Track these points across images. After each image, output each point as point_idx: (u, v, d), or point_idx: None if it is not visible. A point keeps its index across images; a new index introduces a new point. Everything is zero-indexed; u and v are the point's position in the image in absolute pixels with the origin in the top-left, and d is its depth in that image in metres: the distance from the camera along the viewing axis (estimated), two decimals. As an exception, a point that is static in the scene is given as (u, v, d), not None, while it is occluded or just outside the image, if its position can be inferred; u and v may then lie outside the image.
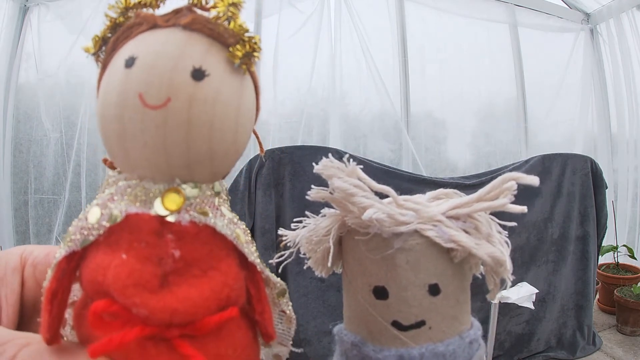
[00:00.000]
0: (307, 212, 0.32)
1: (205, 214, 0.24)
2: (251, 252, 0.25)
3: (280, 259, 0.34)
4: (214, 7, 0.24)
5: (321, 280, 1.63)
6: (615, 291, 2.24)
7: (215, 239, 0.24)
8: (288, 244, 0.33)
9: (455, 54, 2.59)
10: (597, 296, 2.42)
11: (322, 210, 0.31)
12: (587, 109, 2.80)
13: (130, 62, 0.23)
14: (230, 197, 0.27)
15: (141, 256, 0.22)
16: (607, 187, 2.06)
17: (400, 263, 0.27)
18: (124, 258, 0.22)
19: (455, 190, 0.30)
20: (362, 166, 0.28)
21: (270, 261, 0.34)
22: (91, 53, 0.26)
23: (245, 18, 0.25)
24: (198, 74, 0.23)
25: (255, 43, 0.24)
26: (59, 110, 2.33)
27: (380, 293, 0.28)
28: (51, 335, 0.22)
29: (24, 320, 0.28)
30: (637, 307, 2.11)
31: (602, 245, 2.15)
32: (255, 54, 0.24)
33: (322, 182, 0.29)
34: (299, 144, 2.15)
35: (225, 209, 0.25)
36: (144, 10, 0.25)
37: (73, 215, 2.30)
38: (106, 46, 0.25)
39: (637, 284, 2.24)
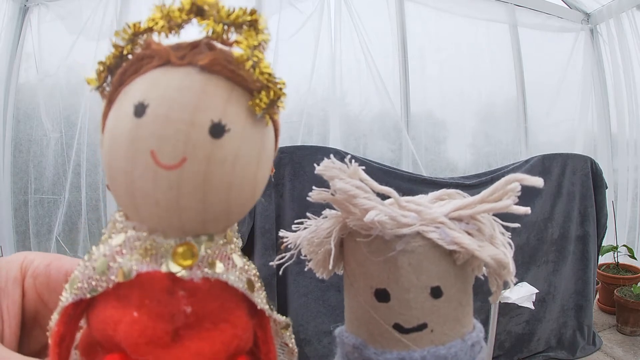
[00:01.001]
0: (308, 214, 0.32)
1: (216, 267, 0.23)
2: (261, 299, 0.25)
3: (281, 261, 0.33)
4: (236, 44, 0.22)
5: (321, 280, 1.62)
6: (615, 291, 2.23)
7: (226, 292, 0.24)
8: (289, 246, 0.33)
9: (455, 54, 2.59)
10: (597, 296, 2.42)
11: (323, 212, 0.31)
12: (587, 109, 2.80)
13: (140, 110, 0.21)
14: (240, 237, 0.26)
15: (153, 314, 0.22)
16: (607, 187, 2.06)
17: (402, 265, 0.27)
18: (136, 316, 0.21)
19: (458, 191, 0.29)
20: (363, 167, 0.28)
21: (271, 263, 0.34)
22: (95, 87, 0.23)
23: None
24: (217, 130, 0.20)
25: (281, 89, 0.22)
26: (59, 110, 2.33)
27: (382, 295, 0.27)
28: None
29: (24, 331, 0.28)
30: (637, 307, 2.11)
31: (602, 245, 2.15)
32: (280, 102, 0.23)
33: (322, 182, 0.29)
34: (299, 144, 2.15)
35: (237, 257, 0.25)
36: (155, 36, 0.22)
37: (73, 215, 2.30)
38: (112, 77, 0.23)
39: (637, 284, 2.23)
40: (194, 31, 0.22)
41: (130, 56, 0.23)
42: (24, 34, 2.35)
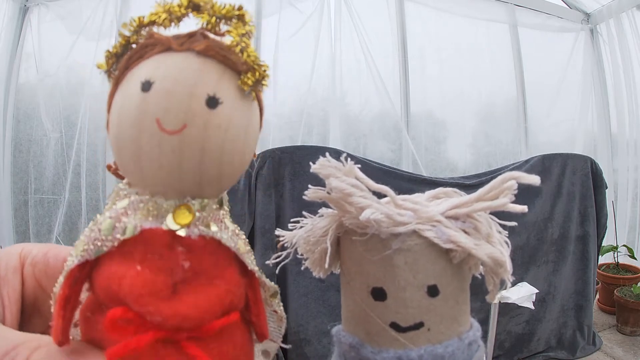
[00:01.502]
0: (304, 212, 0.32)
1: (211, 227, 0.25)
2: (251, 261, 0.27)
3: (278, 259, 0.33)
4: (227, 33, 0.25)
5: (321, 280, 1.63)
6: (615, 291, 2.23)
7: (220, 250, 0.26)
8: (285, 245, 0.33)
9: (455, 54, 2.59)
10: (597, 296, 2.42)
11: (319, 210, 0.31)
12: (587, 109, 2.80)
13: (147, 86, 0.24)
14: (230, 206, 0.29)
15: (154, 267, 0.24)
16: (607, 187, 2.06)
17: (398, 264, 0.26)
18: (139, 269, 0.24)
19: (455, 189, 0.29)
20: (360, 165, 0.28)
21: (268, 262, 0.34)
22: (103, 70, 0.27)
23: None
24: (212, 102, 0.24)
25: (265, 71, 0.25)
26: (59, 110, 2.33)
27: (379, 294, 0.27)
28: (63, 337, 0.24)
29: (24, 319, 0.29)
30: (637, 307, 2.11)
31: (602, 245, 2.15)
32: (264, 81, 0.26)
33: (322, 182, 0.29)
34: (299, 144, 2.15)
35: (228, 221, 0.27)
36: (156, 29, 0.26)
37: (73, 215, 2.30)
38: (118, 63, 0.26)
39: (637, 284, 2.23)
40: (191, 24, 0.26)
41: (134, 45, 0.26)
42: (24, 34, 2.35)
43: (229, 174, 0.26)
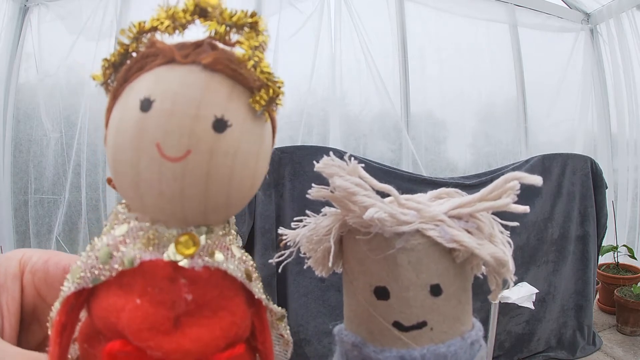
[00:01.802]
0: (307, 211, 0.32)
1: (216, 256, 0.24)
2: (258, 289, 0.26)
3: (280, 258, 0.33)
4: (238, 44, 0.23)
5: (321, 280, 1.63)
6: (615, 291, 2.23)
7: (225, 280, 0.24)
8: (288, 244, 0.33)
9: (455, 54, 2.59)
10: (597, 296, 2.42)
11: (322, 209, 0.31)
12: (587, 109, 2.80)
13: (146, 105, 0.22)
14: (238, 231, 0.27)
15: (155, 301, 0.22)
16: (607, 187, 2.06)
17: (401, 263, 0.26)
18: (138, 303, 0.22)
19: (457, 190, 0.29)
20: (363, 165, 0.28)
21: (270, 261, 0.34)
22: (100, 83, 0.24)
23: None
24: (220, 125, 0.22)
25: (280, 88, 0.23)
26: (59, 110, 2.33)
27: (382, 293, 0.27)
28: None
29: (23, 327, 0.29)
30: (637, 307, 2.11)
31: (602, 245, 2.15)
32: (279, 100, 0.23)
33: (322, 182, 0.29)
34: (299, 144, 2.15)
35: (235, 248, 0.26)
36: (158, 35, 0.23)
37: (73, 215, 2.30)
38: (116, 74, 0.24)
39: (637, 284, 2.23)
40: (197, 32, 0.23)
41: (134, 54, 0.24)
42: (24, 34, 2.35)
43: (237, 200, 0.24)
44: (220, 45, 0.23)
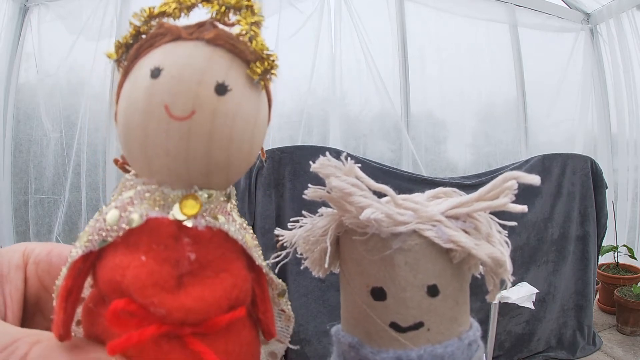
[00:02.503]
0: (304, 212, 0.32)
1: (219, 219, 0.25)
2: (258, 255, 0.27)
3: (278, 259, 0.33)
4: (237, 23, 0.25)
5: (321, 280, 1.63)
6: (615, 291, 2.23)
7: (227, 243, 0.25)
8: (285, 244, 0.33)
9: (455, 54, 2.59)
10: (597, 296, 2.42)
11: (319, 210, 0.31)
12: (587, 109, 2.80)
13: (156, 73, 0.24)
14: (238, 202, 0.28)
15: (159, 258, 0.23)
16: (607, 187, 2.06)
17: (398, 264, 0.26)
18: (143, 260, 0.23)
19: (455, 189, 0.29)
20: (359, 165, 0.28)
21: (268, 261, 0.34)
22: (113, 59, 0.27)
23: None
24: (221, 89, 0.24)
25: (273, 61, 0.25)
26: (59, 110, 2.33)
27: (379, 294, 0.27)
28: (64, 331, 0.23)
29: (26, 317, 0.29)
30: (637, 307, 2.11)
31: (602, 245, 2.15)
32: (273, 71, 0.25)
33: (322, 182, 0.29)
34: (299, 144, 2.15)
35: (236, 214, 0.27)
36: (166, 20, 0.26)
37: (73, 215, 2.30)
38: (128, 53, 0.26)
39: (637, 284, 2.23)
40: (200, 15, 0.26)
41: (144, 35, 0.26)
42: (24, 34, 2.35)
43: (236, 163, 0.25)
44: (221, 25, 0.26)
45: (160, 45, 0.25)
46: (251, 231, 0.28)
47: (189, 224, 0.24)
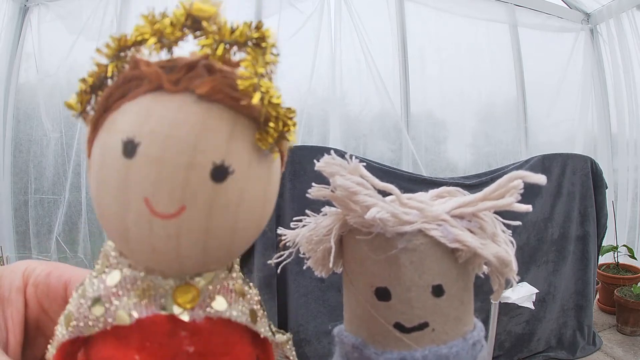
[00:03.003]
0: (307, 211, 0.32)
1: (219, 303, 0.22)
2: (265, 329, 0.24)
3: (280, 259, 0.33)
4: (241, 64, 0.19)
5: (321, 280, 1.63)
6: (615, 291, 2.23)
7: (229, 327, 0.23)
8: (287, 244, 0.32)
9: (455, 54, 2.59)
10: (597, 296, 2.42)
11: (322, 209, 0.30)
12: (587, 109, 2.80)
13: (130, 149, 0.18)
14: (239, 265, 0.25)
15: (154, 357, 0.21)
16: (607, 187, 2.06)
17: (403, 263, 0.26)
18: (137, 359, 0.21)
19: (458, 189, 0.29)
20: (364, 164, 0.28)
21: (269, 261, 0.34)
22: (77, 113, 0.20)
23: (245, 19, 0.19)
24: (220, 174, 0.18)
25: (291, 118, 0.19)
26: (59, 110, 2.32)
27: (383, 294, 0.27)
28: None
29: (27, 340, 0.29)
30: (637, 307, 2.11)
31: (602, 245, 2.14)
32: (290, 135, 0.19)
33: (323, 182, 0.28)
34: (299, 144, 2.15)
35: (239, 287, 0.23)
36: (143, 51, 0.19)
37: (73, 215, 2.30)
38: (97, 97, 0.20)
39: (637, 284, 2.23)
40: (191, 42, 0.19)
41: (114, 76, 0.20)
42: (24, 34, 2.34)
43: (240, 249, 0.22)
44: (219, 65, 0.19)
45: (135, 97, 0.19)
46: (257, 298, 0.24)
47: (185, 318, 0.21)
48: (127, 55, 0.19)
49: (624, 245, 2.43)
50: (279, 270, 0.30)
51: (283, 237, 0.32)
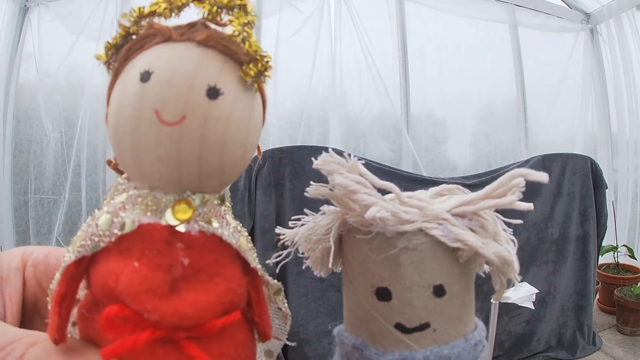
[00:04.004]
0: (305, 210, 0.32)
1: (212, 223, 0.25)
2: (253, 258, 0.27)
3: (279, 259, 0.33)
4: (229, 23, 0.25)
5: (321, 280, 1.62)
6: (615, 291, 2.23)
7: (221, 247, 0.25)
8: (286, 243, 0.32)
9: (455, 54, 2.59)
10: (597, 296, 2.42)
11: (321, 208, 0.30)
12: (587, 109, 2.80)
13: (146, 77, 0.23)
14: (232, 203, 0.28)
15: (152, 264, 0.23)
16: (607, 187, 2.06)
17: (404, 263, 0.26)
18: (136, 266, 0.23)
19: (459, 186, 0.29)
20: (363, 162, 0.28)
21: (269, 261, 0.34)
22: (103, 61, 0.26)
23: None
24: (213, 93, 0.23)
25: (267, 62, 0.25)
26: (59, 110, 2.32)
27: (383, 294, 0.27)
28: (59, 336, 0.24)
29: (25, 320, 0.29)
30: (637, 307, 2.11)
31: (602, 245, 2.15)
32: (267, 72, 0.25)
33: (323, 182, 0.28)
34: (299, 144, 2.15)
35: (230, 217, 0.27)
36: (157, 20, 0.25)
37: (73, 215, 2.30)
38: (118, 55, 0.26)
39: (637, 284, 2.23)
40: (191, 15, 0.25)
41: (134, 36, 0.25)
42: (24, 34, 2.34)
43: (230, 167, 0.25)
44: (213, 25, 0.25)
45: (150, 47, 0.24)
46: (246, 234, 0.27)
47: (181, 229, 0.24)
48: (144, 22, 0.25)
49: (624, 245, 2.43)
50: (277, 270, 0.30)
51: (281, 237, 0.32)
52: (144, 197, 0.24)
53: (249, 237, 0.28)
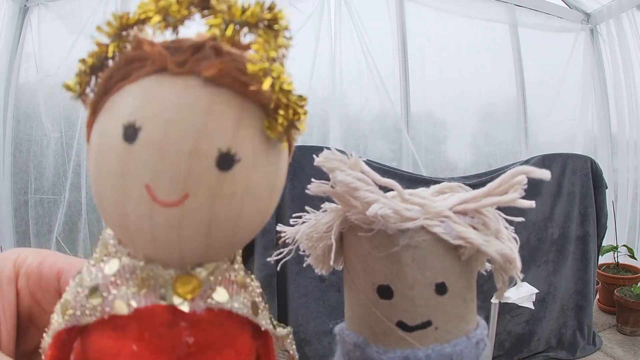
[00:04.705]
0: (307, 207, 0.31)
1: (221, 295, 0.21)
2: (266, 321, 0.24)
3: (279, 257, 0.33)
4: (252, 47, 0.18)
5: (321, 280, 1.62)
6: (615, 291, 2.23)
7: (230, 318, 0.22)
8: (287, 241, 0.32)
9: (455, 54, 2.59)
10: (597, 296, 2.41)
11: (323, 205, 0.30)
12: (587, 109, 2.79)
13: (131, 134, 0.17)
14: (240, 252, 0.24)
15: (153, 347, 0.20)
16: (607, 187, 2.05)
17: (406, 261, 0.26)
18: (135, 350, 0.20)
19: (460, 184, 0.29)
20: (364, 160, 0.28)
21: (269, 259, 0.33)
22: (76, 95, 0.20)
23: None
24: (226, 162, 0.17)
25: (302, 106, 0.18)
26: (59, 110, 2.32)
27: (385, 292, 0.27)
28: None
29: (20, 331, 0.28)
30: (637, 307, 2.11)
31: (602, 245, 2.14)
32: (300, 124, 0.18)
33: (324, 179, 0.28)
34: (299, 144, 2.15)
35: (241, 278, 0.23)
36: (147, 30, 0.18)
37: (73, 216, 2.30)
38: (97, 78, 0.19)
39: (637, 284, 2.23)
40: (198, 22, 0.18)
41: (116, 57, 0.19)
42: (24, 34, 2.34)
43: (243, 240, 0.21)
44: (227, 47, 0.17)
45: (138, 79, 0.18)
46: (258, 290, 0.24)
47: (185, 308, 0.20)
48: (130, 34, 0.18)
49: (624, 245, 2.43)
50: (278, 268, 0.30)
51: (282, 235, 0.32)
52: (140, 271, 0.20)
53: (261, 293, 0.24)
